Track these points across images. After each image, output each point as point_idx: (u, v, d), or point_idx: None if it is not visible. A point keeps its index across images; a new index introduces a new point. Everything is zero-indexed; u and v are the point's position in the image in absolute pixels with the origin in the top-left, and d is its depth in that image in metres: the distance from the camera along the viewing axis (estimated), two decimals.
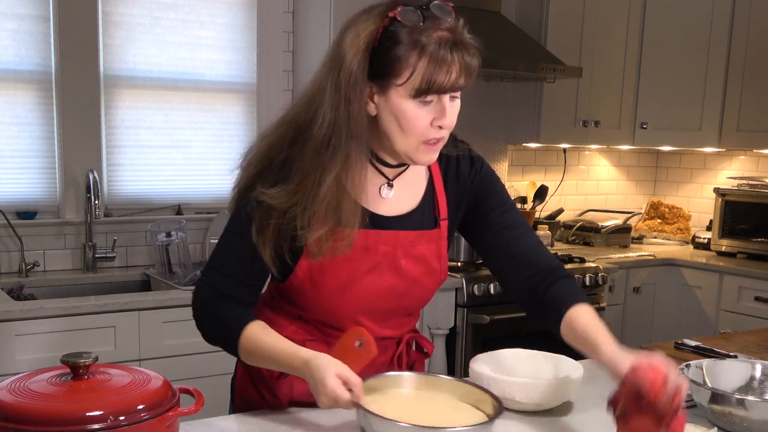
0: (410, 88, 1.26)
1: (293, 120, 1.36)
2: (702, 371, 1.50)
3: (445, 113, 1.29)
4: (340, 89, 1.26)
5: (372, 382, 1.32)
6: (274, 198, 1.31)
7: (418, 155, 1.33)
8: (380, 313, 1.46)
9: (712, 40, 3.89)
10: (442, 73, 1.24)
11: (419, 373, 1.39)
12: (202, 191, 3.29)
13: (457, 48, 1.25)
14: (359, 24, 1.29)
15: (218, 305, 1.40)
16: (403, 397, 1.36)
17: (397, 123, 1.29)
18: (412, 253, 1.42)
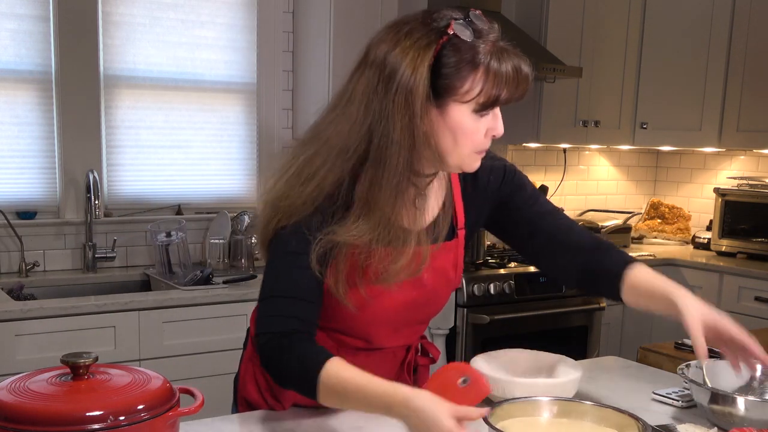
0: (474, 104, 1.25)
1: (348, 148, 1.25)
2: (702, 371, 1.50)
3: (498, 122, 1.30)
4: (412, 111, 1.22)
5: (508, 408, 1.28)
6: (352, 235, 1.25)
7: (470, 164, 1.32)
8: (395, 324, 1.43)
9: (712, 40, 3.89)
10: (504, 86, 1.25)
11: (557, 398, 1.33)
12: (202, 191, 3.29)
13: (511, 58, 1.27)
14: (413, 40, 1.23)
15: (290, 343, 1.26)
16: (542, 424, 1.31)
17: (452, 137, 1.27)
18: (433, 265, 1.39)
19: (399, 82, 1.21)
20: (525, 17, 3.77)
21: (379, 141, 1.23)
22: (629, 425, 1.24)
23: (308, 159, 1.28)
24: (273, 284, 1.30)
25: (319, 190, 1.26)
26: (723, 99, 3.89)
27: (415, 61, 1.21)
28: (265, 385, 1.47)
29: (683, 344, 2.03)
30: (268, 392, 1.47)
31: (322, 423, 1.39)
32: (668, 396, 1.54)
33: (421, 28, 1.24)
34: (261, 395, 1.48)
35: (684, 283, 3.86)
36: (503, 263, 3.29)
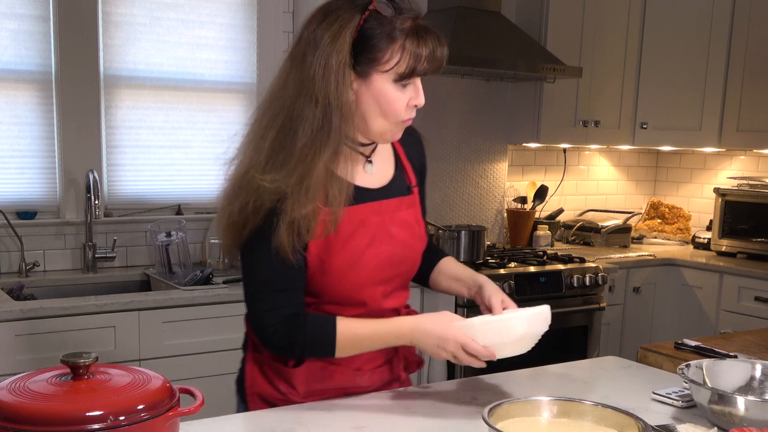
0: (394, 74, 1.37)
1: (283, 108, 1.38)
2: (702, 371, 1.50)
3: (420, 94, 1.42)
4: (328, 76, 1.34)
5: (508, 408, 1.29)
6: (273, 182, 1.34)
7: (393, 134, 1.45)
8: (384, 284, 1.52)
9: (712, 40, 3.89)
10: (422, 58, 1.37)
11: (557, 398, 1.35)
12: (202, 191, 3.29)
13: (428, 32, 1.38)
14: (338, 15, 1.36)
15: (296, 324, 1.42)
16: (542, 424, 1.31)
17: (377, 106, 1.40)
18: (397, 219, 1.52)
19: (320, 52, 1.35)
20: (525, 17, 3.77)
21: (302, 103, 1.36)
22: (629, 425, 1.24)
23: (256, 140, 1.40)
24: (258, 279, 1.43)
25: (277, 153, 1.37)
26: (723, 99, 3.89)
27: (336, 32, 1.35)
28: (276, 376, 1.53)
29: (683, 344, 2.04)
30: (281, 382, 1.52)
31: (322, 422, 1.39)
32: (668, 396, 1.54)
33: (347, 5, 1.37)
34: (274, 387, 1.53)
35: (684, 283, 3.89)
36: (503, 263, 3.29)
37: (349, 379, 1.54)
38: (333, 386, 1.53)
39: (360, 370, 1.55)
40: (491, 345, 1.42)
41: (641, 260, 3.77)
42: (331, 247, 1.44)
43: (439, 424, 1.40)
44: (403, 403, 1.50)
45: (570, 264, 3.40)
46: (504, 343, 1.43)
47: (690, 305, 3.75)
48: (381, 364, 1.58)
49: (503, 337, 1.43)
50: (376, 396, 1.55)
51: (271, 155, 1.37)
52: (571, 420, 1.30)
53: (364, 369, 1.55)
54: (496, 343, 1.43)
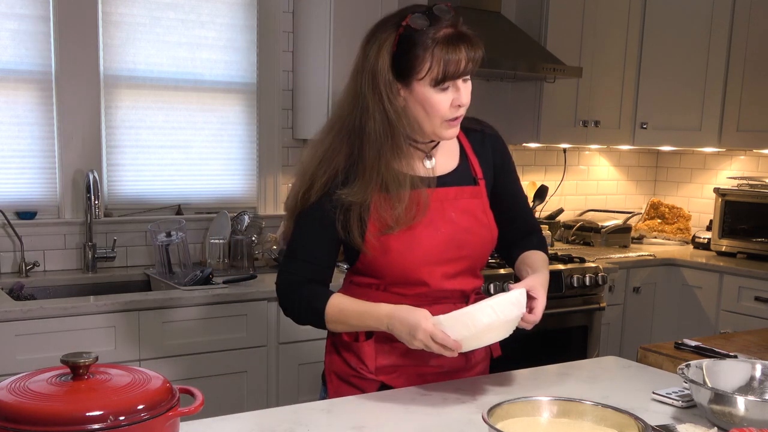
0: (430, 80, 1.50)
1: (342, 127, 1.58)
2: (702, 371, 1.50)
3: (461, 94, 1.53)
4: (378, 91, 1.52)
5: (507, 408, 1.29)
6: (353, 195, 1.54)
7: (443, 132, 1.57)
8: (447, 265, 1.62)
9: (712, 40, 3.89)
10: (452, 63, 1.49)
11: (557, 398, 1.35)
12: (202, 191, 3.29)
13: (461, 40, 1.50)
14: (379, 35, 1.54)
15: (300, 288, 1.61)
16: (542, 424, 1.32)
17: (423, 109, 1.54)
18: (459, 206, 1.64)
19: (367, 68, 1.53)
20: (525, 17, 3.77)
21: (360, 117, 1.54)
22: (629, 425, 1.24)
23: (320, 139, 1.61)
24: (293, 247, 1.63)
25: (328, 164, 1.56)
26: (723, 99, 3.89)
27: (378, 49, 1.52)
28: (348, 353, 1.66)
29: (683, 344, 2.04)
30: (352, 357, 1.66)
31: (322, 422, 1.39)
32: (668, 396, 1.54)
33: (387, 23, 1.54)
34: (347, 363, 1.67)
35: (684, 283, 3.89)
36: (503, 263, 3.29)
37: (418, 355, 1.62)
38: (402, 362, 1.64)
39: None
40: (461, 338, 1.46)
41: (641, 260, 3.77)
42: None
43: (439, 424, 1.40)
44: (403, 403, 1.50)
45: (570, 264, 3.40)
46: (474, 334, 1.46)
47: (690, 305, 3.75)
48: None
49: (470, 328, 1.45)
50: (376, 396, 1.55)
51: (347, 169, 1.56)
52: (571, 420, 1.30)
53: None
54: (465, 336, 1.46)
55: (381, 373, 1.64)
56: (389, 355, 1.64)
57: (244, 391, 2.74)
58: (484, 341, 1.49)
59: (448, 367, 1.67)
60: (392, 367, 1.64)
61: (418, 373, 1.65)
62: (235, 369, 2.71)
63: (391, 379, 1.64)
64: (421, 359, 1.64)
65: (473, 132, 1.74)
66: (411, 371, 1.65)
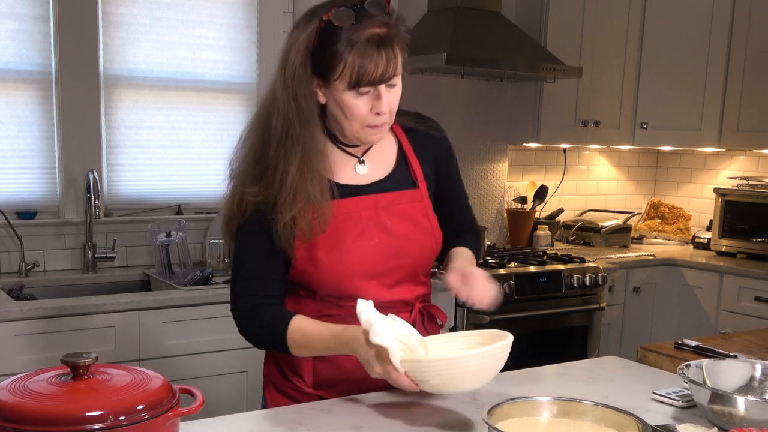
0: (345, 82, 1.38)
1: (260, 121, 1.47)
2: (702, 371, 1.50)
3: (381, 101, 1.40)
4: (288, 86, 1.40)
5: (507, 408, 1.28)
6: (256, 196, 1.43)
7: (366, 137, 1.46)
8: (383, 276, 1.53)
9: (712, 40, 3.89)
10: (370, 67, 1.35)
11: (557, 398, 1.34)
12: (202, 191, 3.29)
13: (384, 44, 1.35)
14: (300, 27, 1.41)
15: (257, 312, 1.48)
16: (542, 424, 1.31)
17: (341, 112, 1.42)
18: (396, 212, 1.53)
19: (287, 62, 1.41)
20: (525, 17, 3.77)
21: (267, 113, 1.44)
22: (629, 425, 1.24)
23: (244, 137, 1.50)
24: (236, 268, 1.52)
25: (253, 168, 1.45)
26: (723, 99, 3.89)
27: (295, 41, 1.40)
28: (287, 367, 1.58)
29: (683, 344, 2.04)
30: (291, 372, 1.58)
31: (322, 422, 1.39)
32: (668, 396, 1.54)
33: (315, 13, 1.40)
34: (285, 377, 1.59)
35: (684, 283, 3.89)
36: (503, 263, 3.29)
37: (356, 370, 1.50)
38: (341, 377, 1.55)
39: None
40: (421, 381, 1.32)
41: (641, 260, 3.77)
42: (317, 241, 1.47)
43: (439, 424, 1.40)
44: (403, 403, 1.50)
45: (570, 264, 3.40)
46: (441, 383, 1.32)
47: (690, 305, 3.75)
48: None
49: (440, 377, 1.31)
50: (376, 396, 1.55)
51: (250, 168, 1.45)
52: (571, 420, 1.30)
53: None
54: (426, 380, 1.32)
55: (319, 388, 1.56)
56: (328, 370, 1.55)
57: (244, 391, 2.74)
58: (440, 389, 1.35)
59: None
60: (331, 381, 1.56)
61: (359, 387, 1.54)
62: (235, 369, 2.71)
63: (329, 393, 1.56)
64: (360, 372, 1.46)
65: (414, 131, 1.60)
66: (352, 385, 1.54)
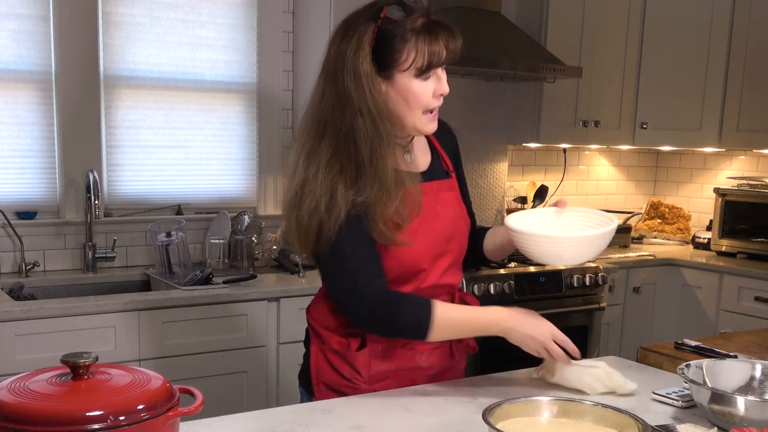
0: (414, 70, 1.49)
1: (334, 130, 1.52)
2: (702, 371, 1.50)
3: (442, 84, 1.53)
4: (363, 87, 1.49)
5: (507, 408, 1.29)
6: (358, 195, 1.50)
7: (424, 125, 1.56)
8: (441, 259, 1.63)
9: (712, 40, 3.89)
10: (436, 49, 1.48)
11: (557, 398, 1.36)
12: (202, 191, 3.29)
13: (439, 28, 1.49)
14: (354, 30, 1.50)
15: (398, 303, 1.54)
16: (542, 424, 1.32)
17: (405, 101, 1.52)
18: (443, 199, 1.66)
19: (348, 65, 1.48)
20: (525, 17, 3.77)
21: (350, 117, 1.49)
22: (629, 425, 1.24)
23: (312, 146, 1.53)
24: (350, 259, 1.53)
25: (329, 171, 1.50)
26: (723, 99, 3.89)
27: (357, 44, 1.48)
28: (341, 362, 1.62)
29: (683, 344, 2.04)
30: (345, 367, 1.61)
31: (322, 422, 1.39)
32: (668, 396, 1.54)
33: (361, 18, 1.50)
34: (339, 374, 1.62)
35: (684, 283, 3.89)
36: (503, 263, 3.29)
37: (410, 358, 1.63)
38: (394, 367, 1.62)
39: (416, 350, 1.63)
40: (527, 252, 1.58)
41: (641, 260, 3.77)
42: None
43: (439, 424, 1.40)
44: (403, 403, 1.50)
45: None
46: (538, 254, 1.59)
47: (690, 305, 3.75)
48: (437, 346, 1.65)
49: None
50: (376, 396, 1.55)
51: (342, 169, 1.50)
52: (571, 420, 1.30)
53: (420, 349, 1.63)
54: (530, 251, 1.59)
55: (374, 381, 1.61)
56: (381, 363, 1.62)
57: (244, 391, 2.74)
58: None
59: (437, 367, 1.67)
60: (384, 374, 1.62)
61: (410, 378, 1.64)
62: (235, 369, 2.71)
63: (384, 386, 1.62)
64: (412, 362, 1.64)
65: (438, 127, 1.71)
66: (402, 376, 1.63)
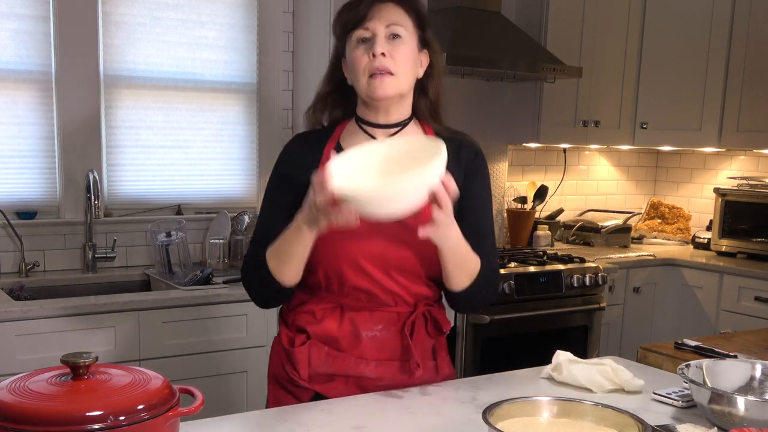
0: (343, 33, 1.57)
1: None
2: (702, 371, 1.50)
3: (375, 44, 1.52)
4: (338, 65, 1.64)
5: (507, 408, 1.28)
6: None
7: (372, 90, 1.54)
8: (385, 261, 1.53)
9: (712, 40, 3.89)
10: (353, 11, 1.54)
11: (557, 398, 1.35)
12: (202, 191, 3.29)
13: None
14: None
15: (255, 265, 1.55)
16: (542, 424, 1.31)
17: (350, 69, 1.57)
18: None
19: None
20: (525, 17, 3.77)
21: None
22: (629, 425, 1.24)
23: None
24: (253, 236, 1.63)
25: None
26: (723, 99, 3.89)
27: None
28: (285, 357, 1.61)
29: (683, 344, 2.04)
30: (287, 363, 1.60)
31: (322, 422, 1.39)
32: (668, 396, 1.54)
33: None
34: (283, 368, 1.62)
35: (684, 283, 3.89)
36: (503, 263, 3.29)
37: (353, 366, 1.57)
38: (337, 372, 1.57)
39: (363, 359, 1.57)
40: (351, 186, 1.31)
41: (641, 260, 3.77)
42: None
43: (439, 424, 1.40)
44: (403, 403, 1.50)
45: (570, 264, 3.40)
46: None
47: (690, 305, 3.75)
48: (388, 358, 1.58)
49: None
50: (376, 396, 1.55)
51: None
52: (571, 420, 1.30)
53: (367, 358, 1.58)
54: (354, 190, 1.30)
55: (315, 382, 1.58)
56: (324, 365, 1.57)
57: (244, 391, 2.74)
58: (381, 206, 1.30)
59: (389, 380, 1.58)
60: (327, 376, 1.58)
61: (359, 386, 1.58)
62: (235, 369, 2.71)
63: (327, 389, 1.57)
64: (356, 370, 1.57)
65: (451, 140, 1.58)
66: (351, 383, 1.58)
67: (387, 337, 1.58)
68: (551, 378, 1.66)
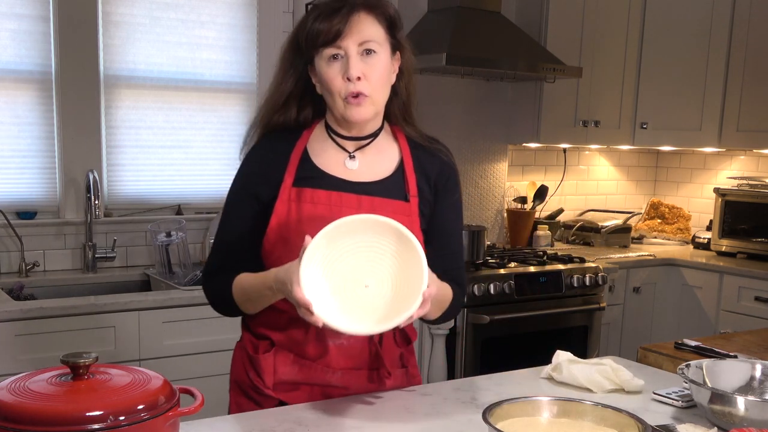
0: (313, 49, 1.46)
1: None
2: (702, 371, 1.50)
3: (350, 66, 1.43)
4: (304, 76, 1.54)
5: (507, 408, 1.28)
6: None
7: (349, 113, 1.47)
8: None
9: (712, 40, 3.89)
10: (324, 27, 1.42)
11: (557, 398, 1.35)
12: (202, 191, 3.29)
13: (344, 6, 1.43)
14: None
15: (214, 279, 1.56)
16: (542, 424, 1.31)
17: (323, 88, 1.48)
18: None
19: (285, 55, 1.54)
20: (525, 17, 3.77)
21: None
22: (629, 425, 1.24)
23: None
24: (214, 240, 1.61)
25: None
26: (723, 99, 3.89)
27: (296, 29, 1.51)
28: (249, 363, 1.57)
29: (683, 344, 2.04)
30: (251, 369, 1.56)
31: (322, 422, 1.39)
32: (668, 396, 1.54)
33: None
34: (246, 374, 1.57)
35: (684, 283, 3.89)
36: (503, 263, 3.29)
37: (321, 374, 1.53)
38: (302, 380, 1.53)
39: (330, 368, 1.53)
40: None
41: (641, 260, 3.77)
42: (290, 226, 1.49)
43: (439, 424, 1.40)
44: (403, 403, 1.50)
45: (570, 264, 3.40)
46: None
47: (690, 305, 3.75)
48: (355, 367, 1.55)
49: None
50: (376, 396, 1.55)
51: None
52: (571, 420, 1.30)
53: (333, 367, 1.53)
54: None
55: (279, 390, 1.53)
56: (289, 372, 1.53)
57: None
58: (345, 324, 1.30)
59: (355, 389, 1.55)
60: (292, 384, 1.54)
61: (324, 394, 1.54)
62: None
63: (291, 398, 1.53)
64: (323, 378, 1.53)
65: (421, 148, 1.58)
66: (316, 391, 1.54)
67: (354, 345, 1.53)
68: (551, 378, 1.66)
